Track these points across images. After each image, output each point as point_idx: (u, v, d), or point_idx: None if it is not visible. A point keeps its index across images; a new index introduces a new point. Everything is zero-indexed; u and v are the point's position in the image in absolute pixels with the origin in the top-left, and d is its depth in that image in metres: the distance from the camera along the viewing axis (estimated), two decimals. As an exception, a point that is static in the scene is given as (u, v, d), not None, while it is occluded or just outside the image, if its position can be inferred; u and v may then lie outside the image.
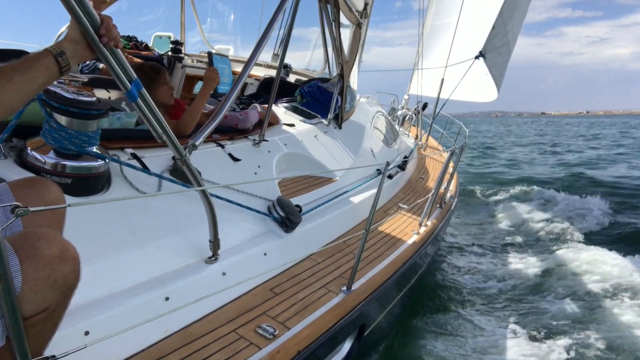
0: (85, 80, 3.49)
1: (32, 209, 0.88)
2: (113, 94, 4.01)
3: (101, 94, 3.27)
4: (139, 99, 1.49)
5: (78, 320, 1.56)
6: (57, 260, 1.04)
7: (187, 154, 1.84)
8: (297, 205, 2.92)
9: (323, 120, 4.39)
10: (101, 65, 4.22)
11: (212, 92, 2.87)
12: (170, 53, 5.73)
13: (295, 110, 4.41)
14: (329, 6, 4.03)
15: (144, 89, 1.50)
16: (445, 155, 5.14)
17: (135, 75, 1.45)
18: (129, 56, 4.54)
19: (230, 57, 5.41)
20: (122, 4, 5.80)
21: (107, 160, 1.98)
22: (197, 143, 1.95)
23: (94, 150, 1.91)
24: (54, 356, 1.10)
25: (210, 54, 2.86)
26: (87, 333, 1.58)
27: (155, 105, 1.57)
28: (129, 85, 1.44)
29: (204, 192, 1.98)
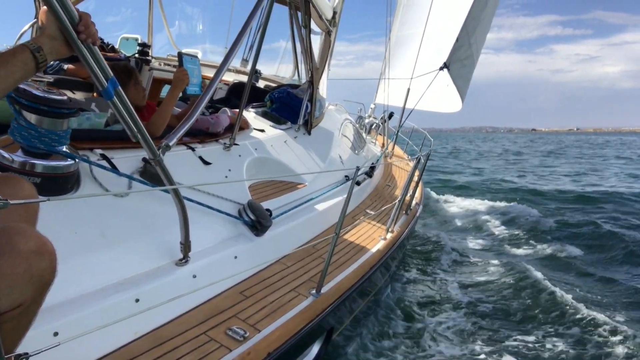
0: (51, 80, 3.41)
1: (12, 202, 0.88)
2: (78, 95, 3.93)
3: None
4: (115, 97, 1.49)
5: (47, 321, 1.53)
6: (34, 256, 1.03)
7: (161, 155, 1.84)
8: (268, 209, 2.94)
9: (293, 126, 4.43)
10: (66, 66, 4.12)
11: (181, 93, 2.84)
12: (137, 55, 5.65)
13: (265, 115, 4.43)
14: (299, 13, 4.09)
15: (120, 87, 1.50)
16: (411, 164, 5.27)
17: (111, 74, 1.45)
18: None
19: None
20: (88, 5, 5.68)
21: (77, 160, 1.95)
22: (170, 144, 1.95)
23: (64, 149, 1.88)
24: (26, 354, 1.09)
25: (180, 54, 2.84)
26: (56, 334, 1.55)
27: (130, 104, 1.57)
28: (105, 83, 1.44)
29: (176, 193, 1.98)
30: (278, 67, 7.08)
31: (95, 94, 3.26)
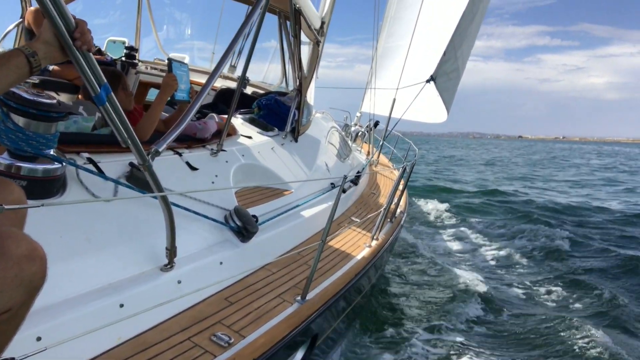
0: (36, 81, 3.38)
1: (6, 207, 0.88)
2: (62, 97, 3.89)
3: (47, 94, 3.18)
4: (107, 103, 1.50)
5: (30, 325, 1.52)
6: (25, 260, 1.03)
7: (150, 160, 1.84)
8: (254, 216, 2.95)
9: (280, 133, 4.45)
10: (51, 67, 4.09)
11: (169, 98, 2.85)
12: (124, 58, 5.62)
13: (252, 121, 4.44)
14: (288, 23, 4.12)
15: (112, 93, 1.51)
16: (396, 172, 5.32)
17: (105, 80, 1.46)
18: None
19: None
20: (76, 6, 5.64)
21: (63, 163, 1.94)
22: (160, 150, 1.95)
23: (51, 153, 1.87)
24: (13, 358, 1.09)
25: (170, 60, 2.85)
26: (39, 339, 1.54)
27: (122, 111, 1.58)
28: (98, 89, 1.45)
29: (164, 199, 1.98)
30: (267, 68, 7.10)
31: (80, 96, 3.24)
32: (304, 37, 4.71)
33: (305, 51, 5.06)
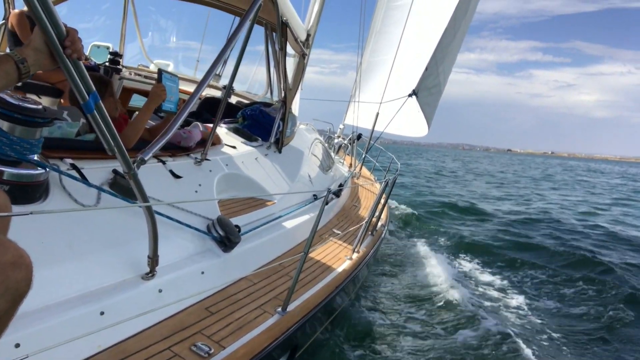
0: (18, 84, 3.34)
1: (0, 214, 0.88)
2: (44, 100, 3.85)
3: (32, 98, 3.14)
4: (95, 111, 1.50)
5: (8, 332, 1.50)
6: (11, 267, 1.02)
7: (136, 169, 1.84)
8: (237, 226, 2.95)
9: (264, 144, 4.47)
10: None
11: (156, 107, 2.84)
12: (107, 63, 5.58)
13: (236, 131, 4.45)
14: (275, 34, 4.16)
15: (100, 101, 1.51)
16: (378, 185, 5.38)
17: (94, 88, 1.46)
18: None
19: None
20: (60, 9, 5.59)
21: (47, 169, 1.93)
22: (146, 158, 1.95)
23: (35, 158, 1.86)
24: None
25: (160, 71, 2.84)
26: (17, 345, 1.52)
27: (109, 118, 1.58)
28: (87, 96, 1.45)
29: (148, 208, 1.98)
30: (252, 78, 7.13)
31: (62, 100, 3.21)
32: (289, 50, 4.77)
33: (291, 63, 5.11)
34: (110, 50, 6.20)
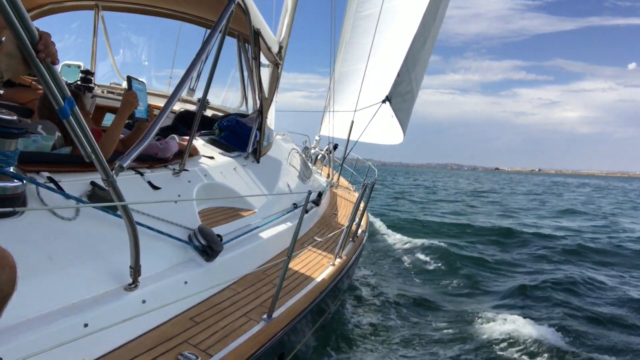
0: None
1: None
2: None
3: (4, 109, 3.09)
4: (71, 116, 1.49)
5: None
6: None
7: (114, 175, 1.83)
8: (218, 235, 2.93)
9: (242, 154, 4.47)
10: (1, 91, 3.97)
11: (129, 115, 2.81)
12: (79, 82, 5.51)
13: (214, 143, 4.44)
14: (247, 45, 4.19)
15: (76, 107, 1.50)
16: (356, 194, 5.42)
17: (69, 93, 1.46)
18: (33, 83, 4.32)
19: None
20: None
21: (24, 181, 1.89)
22: (124, 165, 1.94)
23: (11, 170, 1.83)
24: None
25: (129, 78, 2.83)
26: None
27: (86, 124, 1.57)
28: (62, 102, 1.44)
29: (127, 214, 1.96)
30: (226, 93, 7.13)
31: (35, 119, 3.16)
32: (263, 60, 4.80)
33: (266, 73, 5.14)
34: (82, 68, 6.12)
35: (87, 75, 5.64)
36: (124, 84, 6.90)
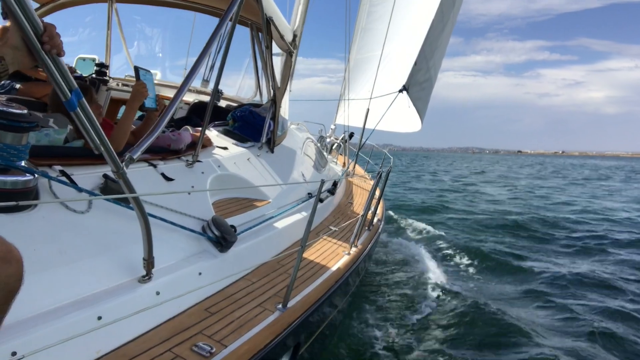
0: (3, 100, 3.31)
1: None
2: None
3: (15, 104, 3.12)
4: (78, 108, 1.48)
5: (4, 340, 1.47)
6: (0, 262, 1.00)
7: (124, 167, 1.82)
8: (232, 226, 2.93)
9: (256, 144, 4.45)
10: (18, 86, 4.01)
11: (139, 106, 2.80)
12: (94, 75, 5.56)
13: (227, 133, 4.43)
14: (260, 34, 4.15)
15: (84, 99, 1.49)
16: (372, 182, 5.36)
17: (75, 85, 1.44)
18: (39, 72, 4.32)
19: (157, 82, 5.34)
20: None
21: (35, 175, 1.90)
22: (134, 157, 1.93)
23: (23, 164, 1.83)
24: None
25: (136, 68, 2.81)
26: (14, 354, 1.49)
27: (94, 116, 1.56)
28: (69, 94, 1.43)
29: (138, 205, 1.95)
30: (241, 83, 7.11)
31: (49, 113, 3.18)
32: (276, 49, 4.75)
33: (279, 62, 5.10)
34: (97, 62, 6.17)
35: (102, 68, 5.69)
36: None
